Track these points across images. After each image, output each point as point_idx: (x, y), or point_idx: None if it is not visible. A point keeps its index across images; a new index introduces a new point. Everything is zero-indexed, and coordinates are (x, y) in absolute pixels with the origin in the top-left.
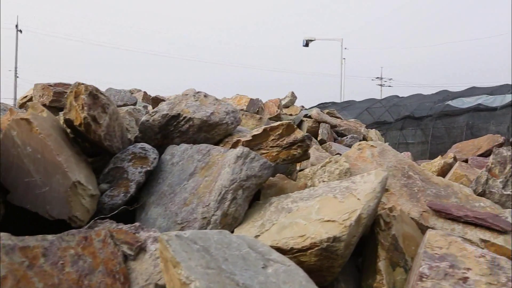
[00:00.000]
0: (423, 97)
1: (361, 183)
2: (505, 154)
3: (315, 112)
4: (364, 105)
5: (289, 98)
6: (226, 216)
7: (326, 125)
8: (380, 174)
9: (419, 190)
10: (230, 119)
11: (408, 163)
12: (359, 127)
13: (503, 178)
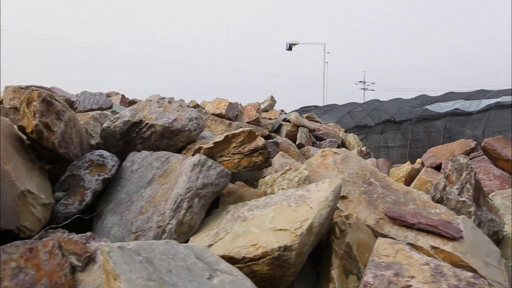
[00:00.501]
0: (403, 101)
1: (315, 192)
2: (462, 161)
3: (294, 116)
4: (346, 108)
5: (269, 102)
6: (181, 225)
7: (304, 129)
8: (334, 182)
9: (379, 197)
10: (193, 126)
11: (370, 170)
12: (338, 131)
13: (459, 184)
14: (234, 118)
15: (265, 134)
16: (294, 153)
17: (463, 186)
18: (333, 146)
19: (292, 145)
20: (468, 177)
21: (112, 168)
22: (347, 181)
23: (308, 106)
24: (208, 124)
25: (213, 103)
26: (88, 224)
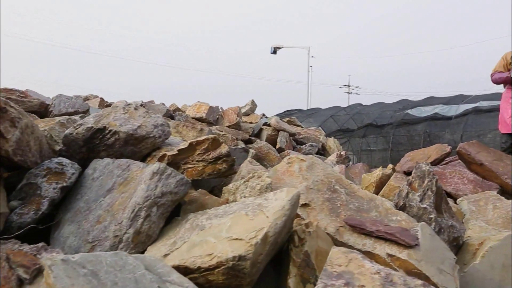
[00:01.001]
0: (385, 105)
1: (272, 200)
2: (424, 169)
3: (274, 120)
4: (329, 112)
5: (249, 106)
6: (139, 234)
7: (284, 134)
8: (291, 191)
9: (342, 204)
10: (158, 133)
11: (336, 177)
12: (319, 135)
13: (421, 191)
14: (214, 122)
15: (246, 138)
16: (274, 157)
17: (425, 193)
18: (314, 150)
19: (272, 149)
20: (429, 184)
21: (71, 176)
22: (310, 188)
23: (292, 109)
24: (180, 129)
25: (193, 106)
26: (47, 234)
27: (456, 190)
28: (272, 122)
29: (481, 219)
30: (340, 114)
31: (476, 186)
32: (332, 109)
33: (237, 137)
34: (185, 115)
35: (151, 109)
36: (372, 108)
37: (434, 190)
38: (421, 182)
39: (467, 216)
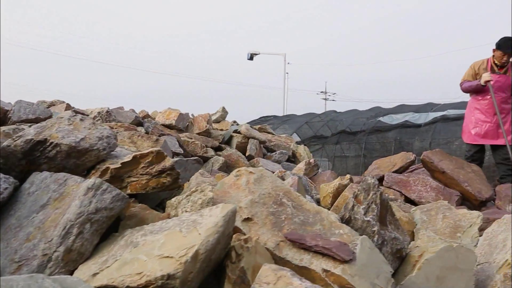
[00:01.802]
0: (358, 112)
1: (207, 217)
2: (370, 182)
3: (244, 128)
4: (304, 119)
5: (220, 113)
6: (70, 252)
7: (254, 141)
8: (226, 207)
9: (287, 218)
10: (102, 145)
11: (284, 190)
12: (290, 143)
13: (366, 204)
14: (184, 129)
15: (215, 145)
16: (244, 164)
17: (369, 206)
18: (284, 157)
19: (242, 157)
20: (374, 197)
21: (4, 191)
22: (256, 202)
23: (268, 115)
24: (135, 140)
25: (163, 113)
26: None
27: (419, 197)
28: (242, 130)
29: (430, 229)
30: (314, 121)
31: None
32: (307, 115)
33: (207, 144)
34: (154, 122)
35: (118, 115)
36: (346, 115)
37: (379, 203)
38: (366, 195)
39: (418, 225)
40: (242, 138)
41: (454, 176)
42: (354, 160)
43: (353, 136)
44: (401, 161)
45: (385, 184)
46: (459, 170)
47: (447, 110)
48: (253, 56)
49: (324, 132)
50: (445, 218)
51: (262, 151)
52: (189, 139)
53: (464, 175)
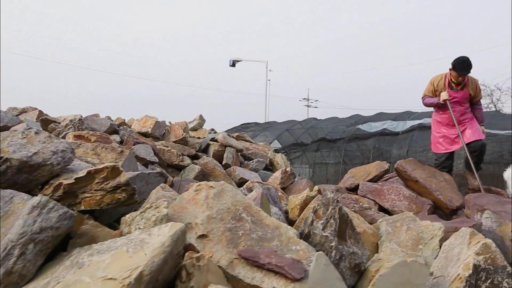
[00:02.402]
0: (338, 120)
1: (154, 236)
2: (329, 196)
3: (221, 136)
4: (285, 126)
5: (197, 121)
6: (10, 274)
7: (231, 149)
8: (175, 226)
9: (244, 233)
10: (56, 160)
11: (244, 205)
12: (267, 151)
13: (324, 219)
14: (161, 137)
15: (192, 153)
16: (220, 173)
17: (328, 221)
18: (261, 166)
19: (218, 166)
20: (333, 211)
21: None
22: (213, 218)
23: (249, 122)
24: (98, 152)
25: (139, 121)
26: None
27: (392, 206)
28: (219, 138)
29: (394, 241)
30: (295, 128)
31: (411, 203)
32: (288, 122)
33: (183, 152)
34: (130, 130)
35: (93, 123)
36: (326, 123)
37: (337, 218)
38: (325, 209)
39: (383, 238)
40: (219, 147)
41: (427, 185)
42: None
43: (333, 144)
44: (376, 170)
45: (359, 192)
46: (432, 179)
47: (424, 119)
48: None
49: (305, 139)
50: (409, 230)
51: (239, 160)
52: (165, 147)
53: (436, 184)
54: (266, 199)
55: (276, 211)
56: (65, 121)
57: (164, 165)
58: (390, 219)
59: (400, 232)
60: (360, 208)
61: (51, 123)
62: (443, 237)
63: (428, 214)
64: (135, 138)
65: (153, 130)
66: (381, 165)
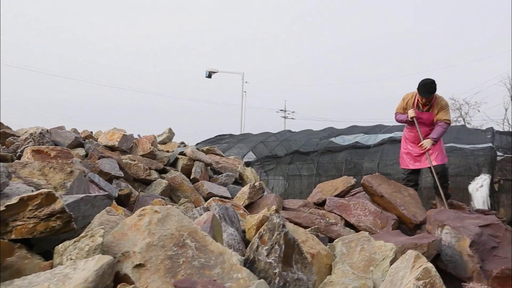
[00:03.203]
0: (312, 132)
1: (79, 270)
2: (275, 221)
3: (190, 150)
4: (260, 138)
5: (167, 134)
6: None
7: (200, 164)
8: (102, 259)
9: (186, 261)
10: None
11: (190, 230)
12: (237, 165)
13: (270, 245)
14: (128, 150)
15: (160, 167)
16: (188, 188)
17: (272, 247)
18: (230, 180)
19: (186, 180)
20: (278, 237)
21: None
22: (153, 245)
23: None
24: (45, 172)
25: (106, 134)
26: None
27: (358, 221)
28: (188, 152)
29: (347, 262)
30: (270, 140)
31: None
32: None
33: (151, 166)
34: (96, 143)
35: (56, 136)
36: (300, 135)
37: (283, 243)
38: (271, 235)
39: (337, 259)
40: (187, 161)
41: (392, 200)
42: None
43: (306, 156)
44: (343, 185)
45: (326, 208)
46: (397, 194)
47: (395, 132)
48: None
49: (279, 151)
50: (362, 251)
51: (208, 174)
52: (132, 161)
53: (401, 198)
54: (217, 222)
55: (232, 232)
56: (26, 134)
57: (130, 180)
58: (346, 239)
59: (354, 252)
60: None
61: (10, 136)
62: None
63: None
64: (100, 152)
65: (120, 143)
66: (348, 180)
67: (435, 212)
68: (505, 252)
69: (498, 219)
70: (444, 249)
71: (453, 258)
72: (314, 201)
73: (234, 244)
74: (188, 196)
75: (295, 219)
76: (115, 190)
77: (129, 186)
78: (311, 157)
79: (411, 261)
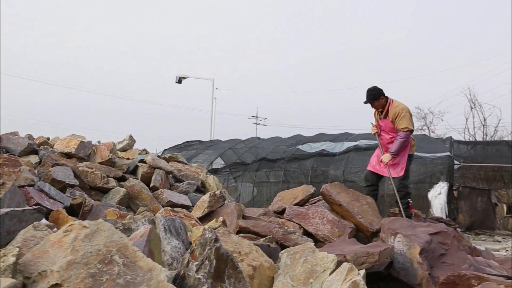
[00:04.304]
0: (280, 140)
1: None
2: (207, 236)
3: (150, 157)
4: (228, 144)
5: (127, 141)
6: None
7: (160, 171)
8: (4, 282)
9: (110, 279)
10: None
11: (120, 245)
12: (200, 172)
13: (200, 260)
14: (86, 157)
15: (119, 175)
16: (147, 196)
17: (203, 262)
18: (192, 188)
19: (145, 188)
20: (209, 252)
21: None
22: (75, 263)
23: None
24: None
25: (63, 140)
26: None
27: (316, 230)
28: (148, 160)
29: (289, 274)
30: (238, 147)
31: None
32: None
33: (109, 174)
34: (51, 150)
35: (8, 142)
36: (268, 142)
37: (213, 259)
38: (202, 250)
39: (280, 271)
40: (147, 168)
41: (349, 208)
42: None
43: (273, 163)
44: (302, 193)
45: (285, 216)
46: (355, 203)
47: (360, 140)
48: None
49: (248, 158)
50: (305, 263)
51: (169, 182)
52: (89, 169)
53: (359, 207)
54: (155, 235)
55: (176, 244)
56: None
57: (86, 188)
58: (292, 250)
59: (297, 264)
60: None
61: None
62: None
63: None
64: (54, 159)
65: (77, 150)
66: (307, 189)
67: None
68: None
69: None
70: (396, 256)
71: (405, 266)
72: (274, 210)
73: (178, 257)
74: (147, 204)
75: (253, 228)
76: (67, 199)
77: (84, 195)
78: (278, 164)
79: (344, 273)
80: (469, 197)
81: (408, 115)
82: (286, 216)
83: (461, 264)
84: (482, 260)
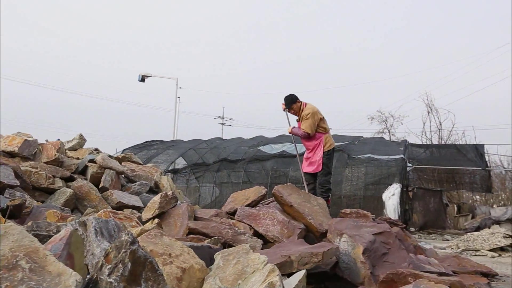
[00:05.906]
0: (242, 141)
1: None
2: (123, 239)
3: (100, 157)
4: (190, 145)
5: (77, 140)
6: None
7: (111, 172)
8: None
9: (10, 285)
10: None
11: (29, 250)
12: (154, 173)
13: (113, 263)
14: (31, 156)
15: (66, 175)
16: (95, 197)
17: (116, 266)
18: (144, 189)
19: (94, 189)
20: (124, 255)
21: None
22: None
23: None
24: None
25: (6, 139)
26: None
27: (266, 231)
28: (98, 159)
29: (219, 276)
30: (200, 147)
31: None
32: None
33: (55, 174)
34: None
35: None
36: (230, 143)
37: (128, 262)
38: (117, 253)
39: (211, 272)
40: (97, 168)
41: (300, 209)
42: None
43: (234, 164)
44: (254, 195)
45: (236, 217)
46: (306, 204)
47: None
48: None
49: (210, 158)
50: (237, 264)
51: (120, 182)
52: (33, 169)
53: (310, 208)
54: (77, 238)
55: (106, 247)
56: None
57: (28, 189)
58: (226, 252)
59: (229, 265)
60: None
61: None
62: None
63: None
64: None
65: (21, 149)
66: (259, 190)
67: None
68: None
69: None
70: (342, 256)
71: (349, 265)
72: (227, 211)
73: None
74: (96, 205)
75: (203, 229)
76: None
77: (25, 196)
78: (240, 165)
79: (265, 274)
80: (423, 198)
81: (310, 120)
82: (237, 217)
83: (401, 262)
84: (424, 258)
